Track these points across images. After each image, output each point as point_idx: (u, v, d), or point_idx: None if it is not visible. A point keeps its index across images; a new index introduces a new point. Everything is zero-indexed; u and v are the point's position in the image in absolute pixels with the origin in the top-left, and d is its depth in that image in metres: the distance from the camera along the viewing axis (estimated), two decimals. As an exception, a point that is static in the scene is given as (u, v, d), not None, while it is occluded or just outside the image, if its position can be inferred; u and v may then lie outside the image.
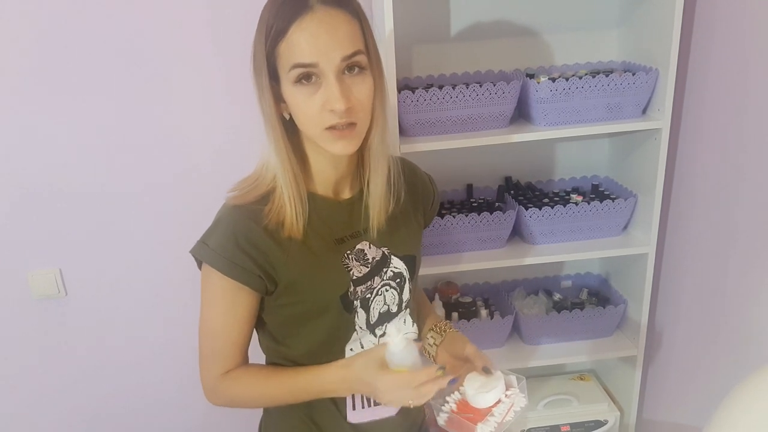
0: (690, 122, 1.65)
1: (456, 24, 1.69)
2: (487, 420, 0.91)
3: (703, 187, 1.62)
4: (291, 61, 0.85)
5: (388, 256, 1.04)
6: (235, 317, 0.96)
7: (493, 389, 0.93)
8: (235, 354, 0.99)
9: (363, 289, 1.00)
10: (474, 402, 0.93)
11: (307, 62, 0.84)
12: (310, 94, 0.86)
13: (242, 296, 0.95)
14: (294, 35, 0.84)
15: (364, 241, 1.01)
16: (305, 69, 0.85)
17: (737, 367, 1.56)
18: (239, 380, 0.99)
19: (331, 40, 0.84)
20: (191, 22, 1.61)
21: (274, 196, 0.93)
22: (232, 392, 1.00)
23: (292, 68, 0.85)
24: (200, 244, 0.95)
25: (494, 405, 0.93)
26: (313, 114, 0.87)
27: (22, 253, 1.76)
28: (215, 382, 0.99)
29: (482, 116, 1.57)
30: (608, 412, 1.89)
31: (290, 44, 0.84)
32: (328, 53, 0.84)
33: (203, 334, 0.99)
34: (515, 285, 1.96)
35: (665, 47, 1.50)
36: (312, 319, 0.99)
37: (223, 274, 0.92)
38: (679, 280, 1.77)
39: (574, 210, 1.67)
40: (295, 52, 0.84)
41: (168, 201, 1.77)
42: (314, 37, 0.83)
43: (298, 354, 1.01)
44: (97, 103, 1.64)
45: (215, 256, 0.92)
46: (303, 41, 0.83)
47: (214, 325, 0.97)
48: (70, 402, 1.94)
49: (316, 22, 0.83)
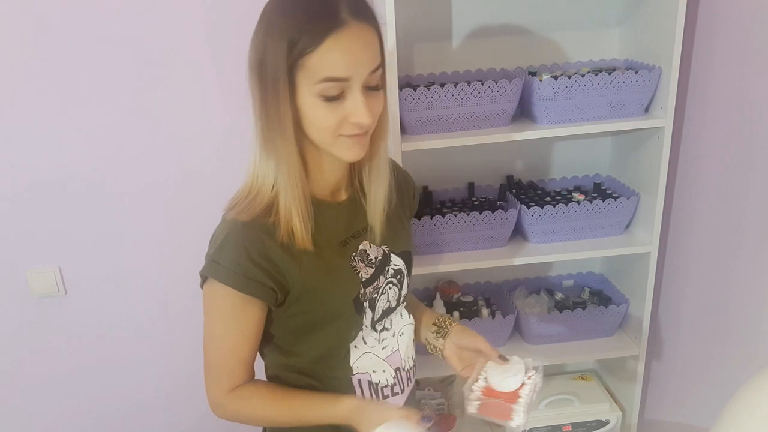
0: (693, 120, 1.64)
1: (458, 22, 1.68)
2: (519, 401, 0.97)
3: (706, 185, 1.62)
4: (321, 74, 0.84)
5: (388, 254, 1.04)
6: (245, 333, 0.96)
7: (517, 373, 0.99)
8: (243, 369, 0.98)
9: (371, 290, 1.00)
10: (501, 387, 0.99)
11: (341, 76, 0.84)
12: (334, 107, 0.86)
13: (252, 311, 0.94)
14: (328, 50, 0.83)
15: (364, 241, 1.01)
16: (337, 83, 0.85)
17: (740, 366, 1.55)
18: (249, 400, 0.98)
19: (362, 55, 0.85)
20: (192, 24, 1.60)
21: (277, 206, 0.92)
22: (241, 411, 0.99)
23: (322, 81, 0.84)
24: (211, 264, 0.92)
25: (520, 388, 0.99)
26: (332, 125, 0.87)
27: (22, 251, 1.76)
28: (223, 399, 0.98)
29: (484, 114, 1.57)
30: (610, 412, 1.88)
31: (322, 58, 0.83)
32: (359, 68, 0.85)
33: (210, 350, 0.98)
34: (517, 284, 1.96)
35: (668, 45, 1.49)
36: (325, 325, 0.98)
37: (238, 290, 0.90)
38: (682, 279, 1.76)
39: (575, 209, 1.66)
40: (328, 66, 0.83)
41: (168, 200, 1.76)
42: (349, 52, 0.84)
43: (307, 361, 1.01)
44: (98, 102, 1.64)
45: (229, 274, 0.90)
46: (338, 56, 0.83)
47: (222, 342, 0.96)
48: (69, 400, 1.94)
49: (350, 37, 0.83)
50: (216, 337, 0.96)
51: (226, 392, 0.98)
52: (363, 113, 0.86)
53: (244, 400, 0.98)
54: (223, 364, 0.97)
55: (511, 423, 0.95)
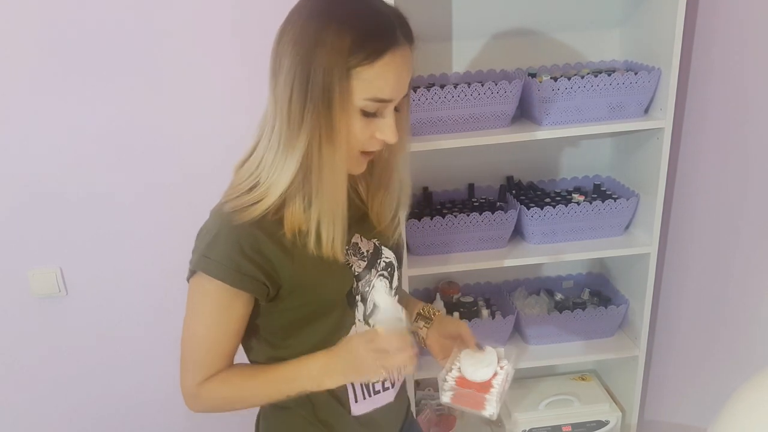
0: (692, 122, 1.64)
1: (458, 23, 1.68)
2: (491, 391, 0.99)
3: (706, 186, 1.62)
4: (372, 92, 0.85)
5: (380, 248, 1.05)
6: (228, 327, 0.95)
7: (489, 364, 1.01)
8: (222, 363, 0.98)
9: (363, 284, 1.01)
10: (474, 377, 1.01)
11: (388, 99, 0.87)
12: (368, 122, 0.88)
13: (238, 305, 0.94)
14: (384, 68, 0.84)
15: (356, 234, 1.02)
16: (382, 104, 0.87)
17: (739, 367, 1.55)
18: (222, 383, 0.98)
19: (406, 79, 0.89)
20: (192, 24, 1.60)
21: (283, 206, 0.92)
22: (215, 396, 0.98)
23: (371, 99, 0.85)
24: (202, 258, 0.92)
25: (492, 377, 1.01)
26: (361, 140, 0.89)
27: (23, 251, 1.76)
28: (197, 389, 0.98)
29: (484, 115, 1.57)
30: (610, 413, 1.88)
31: (377, 75, 0.84)
32: (401, 90, 0.88)
33: (189, 344, 0.98)
34: (516, 285, 1.96)
35: (667, 46, 1.50)
36: (317, 319, 0.98)
37: (230, 285, 0.90)
38: (681, 280, 1.77)
39: (575, 210, 1.66)
40: (380, 86, 0.85)
41: (168, 201, 1.76)
42: (399, 75, 0.86)
43: (296, 354, 1.00)
44: (99, 103, 1.64)
45: (221, 268, 0.90)
46: (390, 78, 0.85)
47: (203, 336, 0.96)
48: (70, 401, 1.94)
49: (402, 58, 0.86)
50: (199, 331, 0.96)
51: (199, 384, 0.98)
52: (392, 133, 0.89)
53: (218, 383, 0.97)
54: (204, 358, 0.97)
55: (484, 413, 0.98)
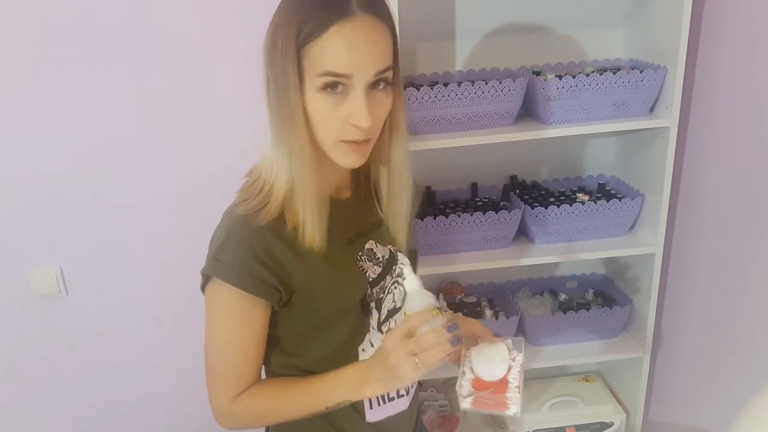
0: (698, 120, 1.63)
1: (461, 21, 1.67)
2: (510, 388, 0.94)
3: (712, 186, 1.61)
4: (323, 67, 0.79)
5: (395, 253, 1.03)
6: (252, 335, 0.92)
7: (502, 360, 0.97)
8: (252, 374, 0.94)
9: (377, 290, 0.98)
10: (489, 377, 0.96)
11: (342, 72, 0.79)
12: (335, 105, 0.81)
13: (257, 312, 0.91)
14: (331, 40, 0.78)
15: (370, 240, 1.00)
16: (337, 78, 0.79)
17: (746, 368, 1.54)
18: (256, 398, 0.94)
19: (369, 53, 0.79)
20: (192, 25, 1.60)
21: (289, 204, 0.88)
22: (250, 411, 0.95)
23: (322, 75, 0.79)
24: (213, 262, 0.88)
25: (507, 373, 0.96)
26: (334, 125, 0.83)
27: (23, 251, 1.75)
28: (229, 407, 0.94)
29: (488, 114, 1.56)
30: (614, 414, 1.87)
31: (324, 48, 0.78)
32: (364, 66, 0.79)
33: (216, 356, 0.93)
34: (520, 285, 1.95)
35: (673, 44, 1.48)
36: (330, 326, 0.96)
37: (243, 289, 0.87)
38: (687, 280, 1.75)
39: (580, 209, 1.65)
40: (330, 59, 0.78)
41: (169, 202, 1.75)
42: (354, 46, 0.78)
43: (312, 362, 0.98)
44: (100, 103, 1.63)
45: (233, 272, 0.87)
46: (341, 49, 0.78)
47: (227, 346, 0.92)
48: (70, 401, 1.93)
49: (358, 31, 0.78)
50: (223, 342, 0.92)
51: (232, 399, 0.93)
52: (363, 115, 0.81)
53: (251, 397, 0.94)
54: (231, 370, 0.93)
55: (508, 412, 0.93)
